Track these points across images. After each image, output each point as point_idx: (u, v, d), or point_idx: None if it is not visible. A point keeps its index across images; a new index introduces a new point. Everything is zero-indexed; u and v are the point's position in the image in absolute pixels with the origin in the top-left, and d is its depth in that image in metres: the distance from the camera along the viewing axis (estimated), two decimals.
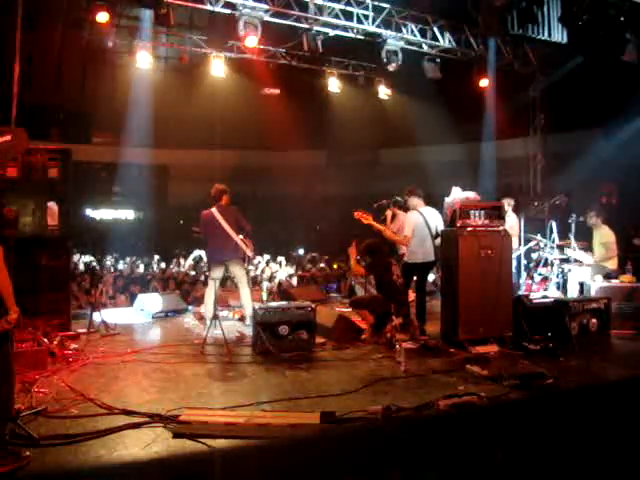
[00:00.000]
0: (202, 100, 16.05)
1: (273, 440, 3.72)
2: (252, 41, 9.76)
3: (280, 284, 11.05)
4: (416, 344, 6.16)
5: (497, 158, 14.54)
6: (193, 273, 12.49)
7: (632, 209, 11.99)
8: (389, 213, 8.33)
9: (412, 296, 7.10)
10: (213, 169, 19.96)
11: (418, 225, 6.90)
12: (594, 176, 13.01)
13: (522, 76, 13.38)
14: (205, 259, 7.09)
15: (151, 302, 8.19)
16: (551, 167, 14.08)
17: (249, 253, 7.40)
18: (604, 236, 8.06)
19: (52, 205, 6.59)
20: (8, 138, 5.42)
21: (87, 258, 14.46)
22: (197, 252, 13.69)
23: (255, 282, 11.28)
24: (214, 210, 7.26)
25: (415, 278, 7.09)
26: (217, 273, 7.26)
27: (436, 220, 6.99)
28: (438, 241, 6.84)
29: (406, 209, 7.48)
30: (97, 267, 12.47)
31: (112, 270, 13.25)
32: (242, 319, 7.53)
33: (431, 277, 9.36)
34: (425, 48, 11.69)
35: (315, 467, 3.65)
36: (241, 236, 7.26)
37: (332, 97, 14.26)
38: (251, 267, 12.39)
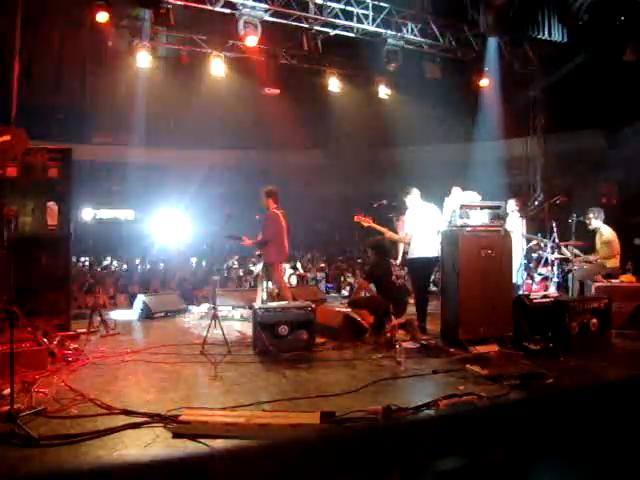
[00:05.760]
0: (202, 100, 16.05)
1: (273, 440, 3.71)
2: (252, 41, 9.78)
3: None
4: (416, 344, 6.16)
5: (497, 158, 14.55)
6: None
7: (632, 209, 12.00)
8: (399, 225, 8.33)
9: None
10: (213, 169, 19.99)
11: (419, 222, 7.01)
12: (594, 176, 13.03)
13: (522, 76, 13.39)
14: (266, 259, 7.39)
15: (151, 302, 8.18)
16: (551, 167, 14.09)
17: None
18: (605, 235, 8.08)
19: (52, 205, 6.58)
20: (8, 138, 5.41)
21: (87, 258, 14.48)
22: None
23: (256, 282, 11.29)
24: (279, 211, 7.52)
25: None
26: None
27: (435, 217, 7.10)
28: (438, 238, 6.88)
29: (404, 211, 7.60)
30: (97, 267, 12.48)
31: (112, 270, 13.25)
32: None
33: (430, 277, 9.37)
34: (425, 48, 11.70)
35: (315, 467, 3.65)
36: None
37: (332, 97, 14.27)
38: (252, 268, 12.41)
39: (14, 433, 3.58)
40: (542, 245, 8.38)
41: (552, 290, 8.03)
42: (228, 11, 9.72)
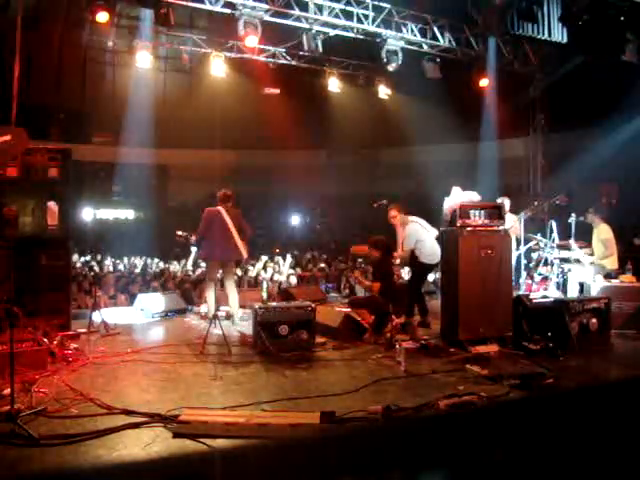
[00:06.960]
0: (202, 100, 16.08)
1: (273, 440, 3.72)
2: (252, 41, 9.78)
3: (280, 284, 11.05)
4: (416, 344, 6.16)
5: (497, 158, 14.56)
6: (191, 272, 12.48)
7: (632, 209, 11.99)
8: (400, 230, 8.34)
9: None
10: (213, 169, 19.98)
11: (420, 232, 7.18)
12: (594, 176, 13.02)
13: (522, 76, 13.40)
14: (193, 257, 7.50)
15: (151, 302, 8.18)
16: (551, 167, 14.10)
17: (244, 255, 7.57)
18: (602, 233, 8.09)
19: (52, 205, 6.58)
20: (8, 138, 5.40)
21: (87, 258, 14.47)
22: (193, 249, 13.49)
23: (256, 282, 11.29)
24: (220, 208, 7.35)
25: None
26: (215, 273, 7.52)
27: (428, 225, 7.37)
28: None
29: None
30: (96, 267, 12.46)
31: (112, 270, 13.24)
32: (229, 318, 7.54)
33: (431, 277, 9.37)
34: (425, 48, 11.71)
35: (315, 467, 3.65)
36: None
37: (332, 97, 14.28)
38: (250, 267, 12.40)
39: (14, 433, 3.58)
40: (541, 245, 8.38)
41: (552, 290, 8.02)
42: (228, 11, 9.72)
